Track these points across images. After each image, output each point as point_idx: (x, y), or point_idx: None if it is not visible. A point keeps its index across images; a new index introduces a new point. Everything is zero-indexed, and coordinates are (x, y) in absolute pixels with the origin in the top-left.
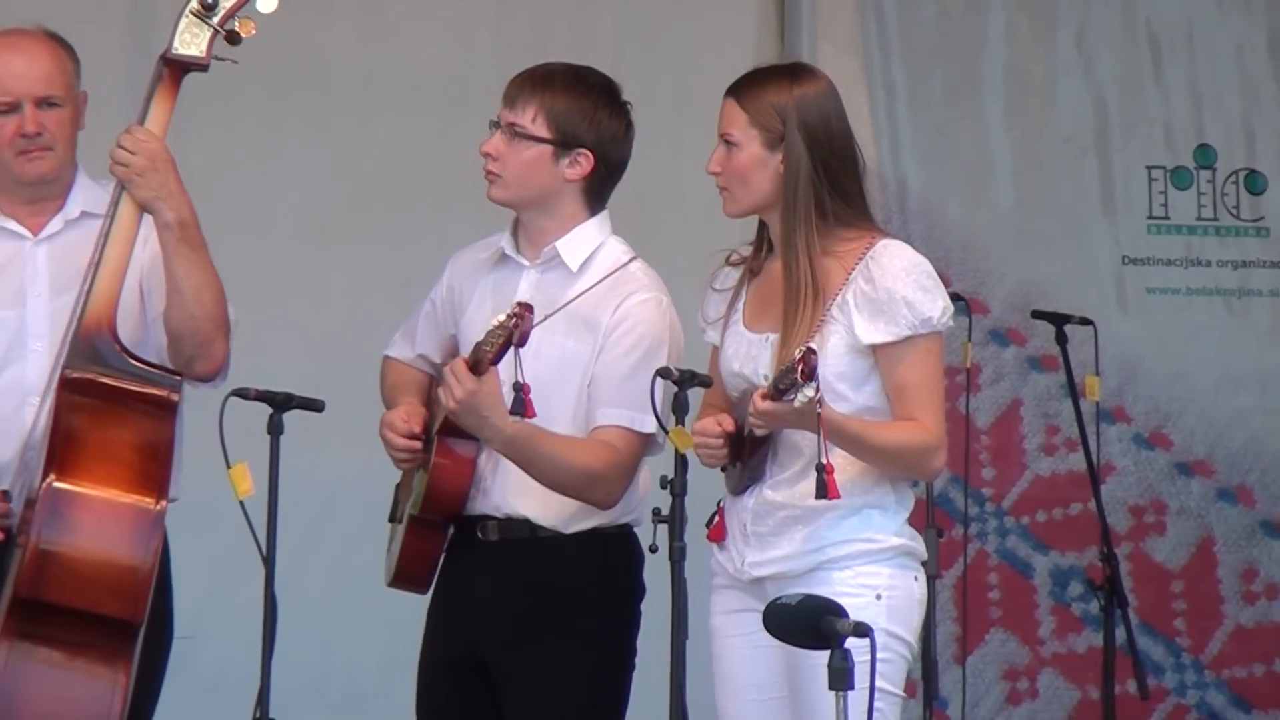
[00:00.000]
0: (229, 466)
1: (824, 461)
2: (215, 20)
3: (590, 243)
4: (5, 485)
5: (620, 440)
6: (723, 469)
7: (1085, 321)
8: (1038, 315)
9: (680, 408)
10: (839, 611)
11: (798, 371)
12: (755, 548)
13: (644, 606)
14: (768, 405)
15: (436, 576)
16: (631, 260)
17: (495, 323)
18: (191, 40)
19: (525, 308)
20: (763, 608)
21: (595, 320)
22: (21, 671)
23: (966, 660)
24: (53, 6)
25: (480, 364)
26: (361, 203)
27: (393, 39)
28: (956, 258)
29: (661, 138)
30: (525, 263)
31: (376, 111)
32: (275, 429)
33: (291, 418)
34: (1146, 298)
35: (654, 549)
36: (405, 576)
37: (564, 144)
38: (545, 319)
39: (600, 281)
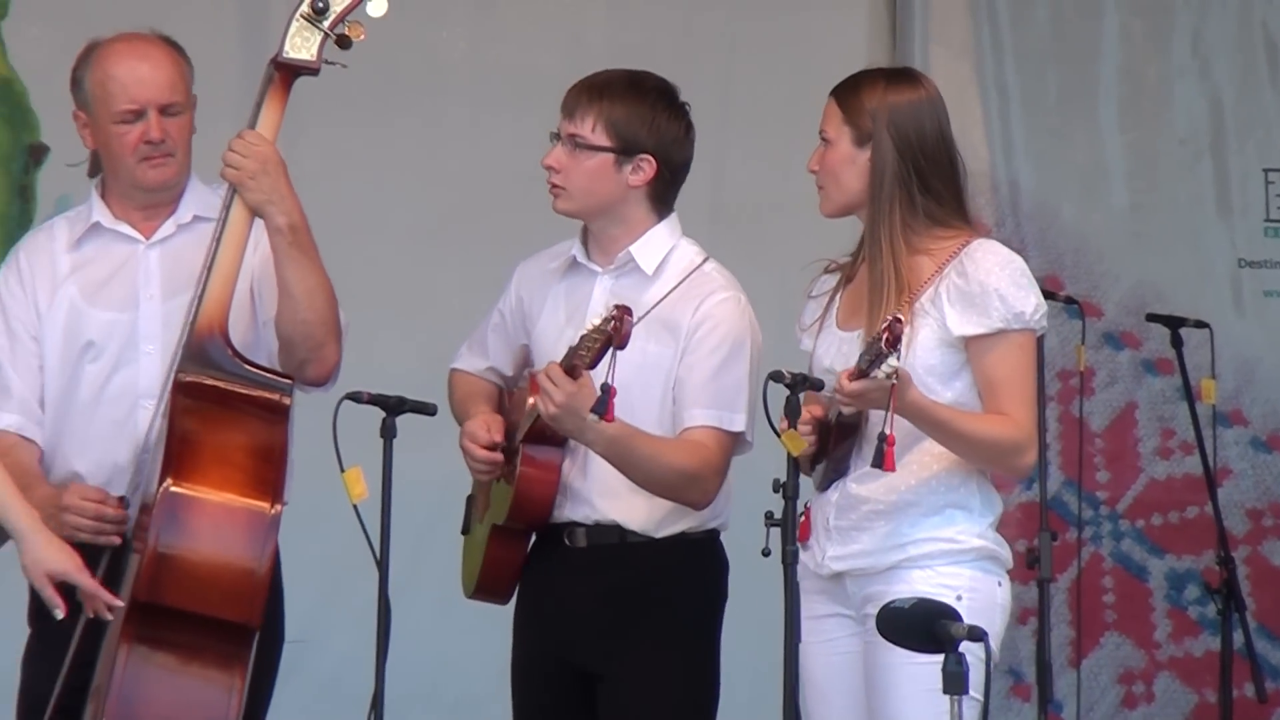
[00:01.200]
0: (342, 470)
1: (887, 432)
2: (326, 24)
3: (663, 246)
4: (121, 488)
5: (712, 440)
6: (810, 470)
7: (1201, 324)
8: (1153, 318)
9: (792, 411)
10: (953, 615)
11: (882, 340)
12: (836, 542)
13: (751, 609)
14: (855, 385)
15: (519, 585)
16: (705, 261)
17: (590, 326)
18: (302, 44)
19: (624, 310)
20: (846, 610)
21: (675, 323)
22: (141, 675)
23: (1081, 664)
24: (164, 11)
25: (576, 368)
26: (473, 206)
27: (504, 42)
28: (1070, 261)
29: (772, 140)
30: (598, 269)
31: (488, 115)
32: (388, 433)
33: (404, 421)
34: (1264, 300)
35: (766, 553)
36: (487, 588)
37: (625, 151)
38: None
39: (678, 285)
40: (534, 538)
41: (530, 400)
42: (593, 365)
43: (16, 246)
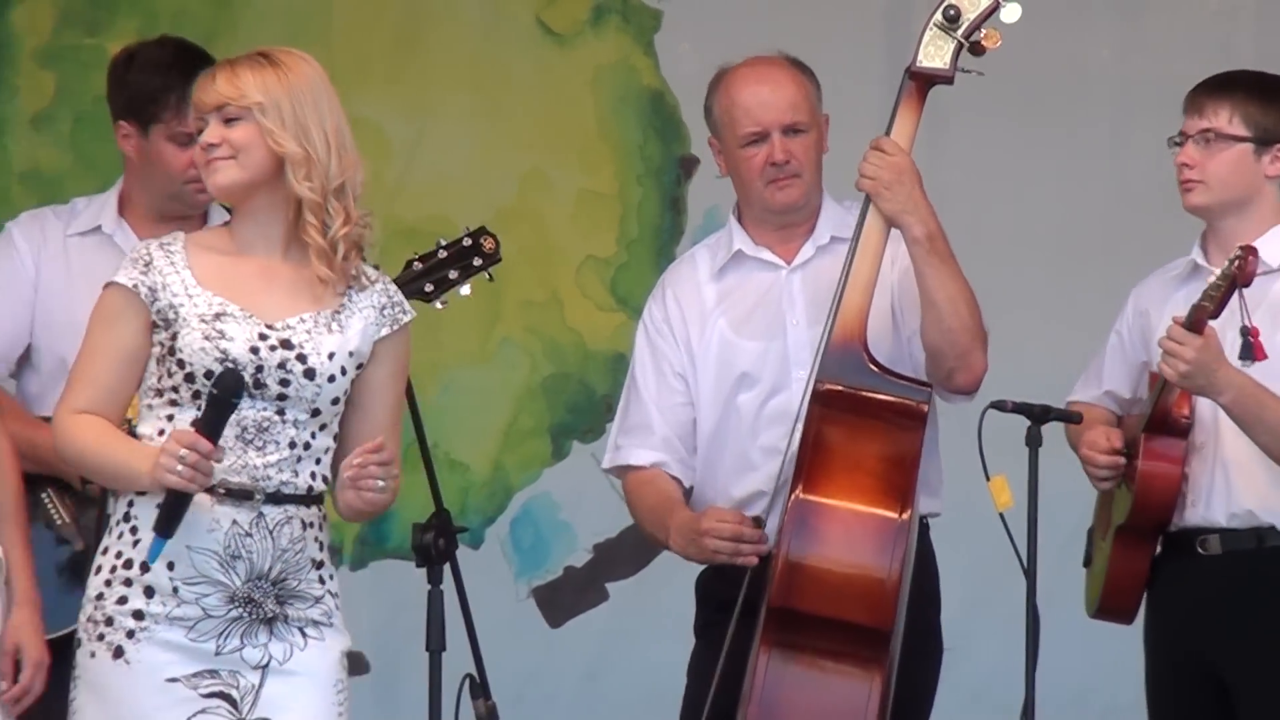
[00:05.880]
0: (988, 479)
1: None
2: (959, 32)
3: None
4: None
5: None
6: None
7: None
8: None
9: None
10: None
11: None
12: None
13: None
14: None
15: (1146, 593)
16: None
17: (1209, 281)
18: (935, 53)
19: (1250, 249)
20: None
21: None
22: (780, 679)
23: None
24: (811, 25)
25: (1199, 322)
26: (1116, 214)
27: (1150, 49)
28: None
29: None
30: (1215, 270)
31: (1131, 123)
32: (1033, 441)
33: (1050, 430)
34: None
35: None
36: (1110, 603)
37: (1263, 141)
38: None
39: None
40: (1158, 550)
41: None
42: (1216, 313)
43: (662, 280)
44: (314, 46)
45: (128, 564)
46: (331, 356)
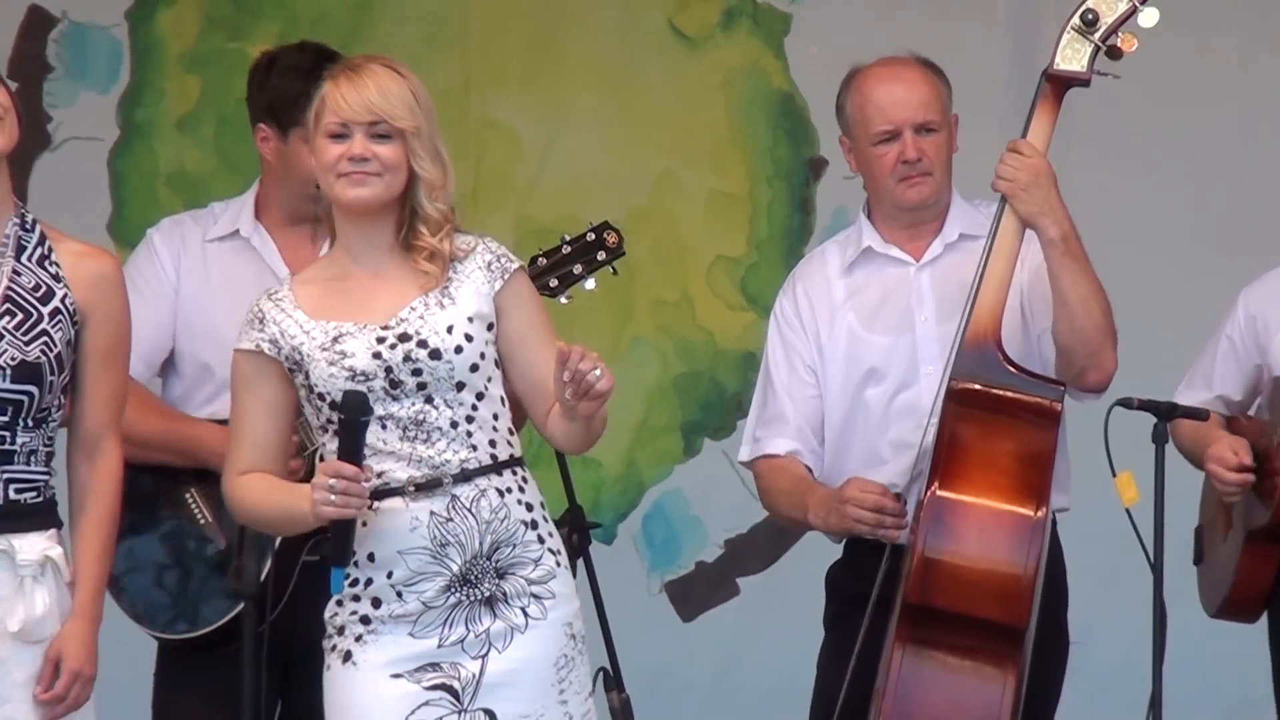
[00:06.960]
0: (1114, 474)
1: None
2: (1096, 36)
3: None
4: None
5: None
6: None
7: None
8: None
9: None
10: None
11: None
12: None
13: None
14: None
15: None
16: None
17: None
18: (1073, 56)
19: None
20: None
21: None
22: (915, 675)
23: None
24: (936, 28)
25: None
26: (1245, 217)
27: (1277, 52)
28: None
29: None
30: None
31: (1261, 125)
32: (1159, 438)
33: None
34: None
35: None
36: (1236, 604)
37: None
38: None
39: None
40: None
41: None
42: None
43: (792, 275)
44: (450, 49)
45: (354, 582)
46: (450, 329)
